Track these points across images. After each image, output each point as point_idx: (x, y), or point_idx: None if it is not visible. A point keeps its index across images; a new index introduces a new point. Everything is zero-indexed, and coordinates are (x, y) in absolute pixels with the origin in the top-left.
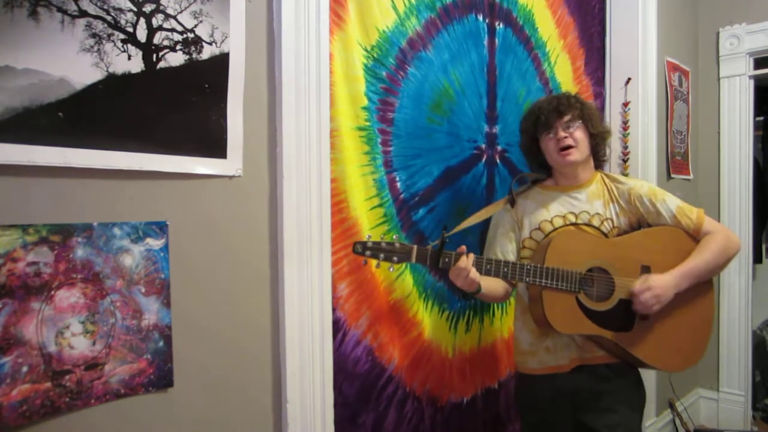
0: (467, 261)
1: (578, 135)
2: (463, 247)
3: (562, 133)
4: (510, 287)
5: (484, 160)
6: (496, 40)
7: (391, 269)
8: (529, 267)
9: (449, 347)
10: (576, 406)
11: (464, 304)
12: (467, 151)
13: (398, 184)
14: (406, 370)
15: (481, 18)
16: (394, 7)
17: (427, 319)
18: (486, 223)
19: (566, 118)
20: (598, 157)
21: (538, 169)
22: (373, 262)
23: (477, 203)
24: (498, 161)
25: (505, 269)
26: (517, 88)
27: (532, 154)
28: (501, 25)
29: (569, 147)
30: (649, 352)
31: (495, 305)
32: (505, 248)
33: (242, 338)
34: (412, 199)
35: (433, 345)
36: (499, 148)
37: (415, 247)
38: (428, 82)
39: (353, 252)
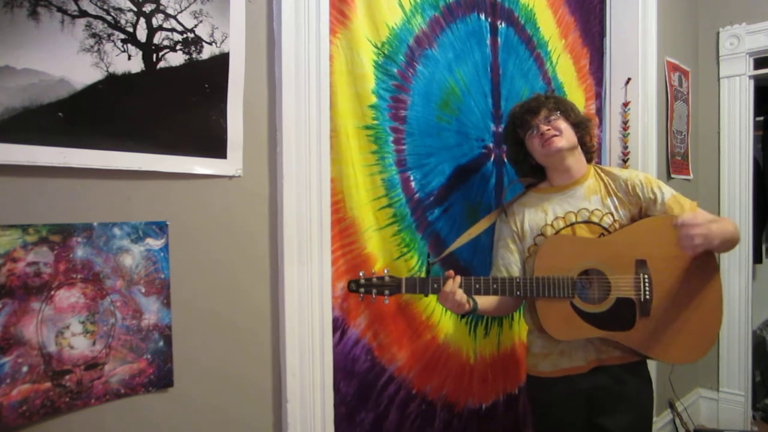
0: (453, 284)
1: (560, 125)
2: (451, 272)
3: (543, 127)
4: (518, 299)
5: (492, 159)
6: (499, 40)
7: (386, 302)
8: (518, 281)
9: (470, 352)
10: (591, 406)
11: None
12: (476, 149)
13: (413, 184)
14: (416, 373)
15: (483, 17)
16: (401, 4)
17: (445, 322)
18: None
19: (542, 113)
20: (586, 148)
21: (533, 174)
22: (382, 298)
23: (487, 202)
24: (506, 160)
25: (494, 286)
26: (520, 87)
27: (522, 160)
28: (503, 24)
29: (553, 136)
30: (654, 347)
31: None
32: (507, 261)
33: (242, 338)
34: (427, 198)
35: (452, 349)
36: (506, 147)
37: (404, 279)
38: (436, 81)
39: (348, 291)
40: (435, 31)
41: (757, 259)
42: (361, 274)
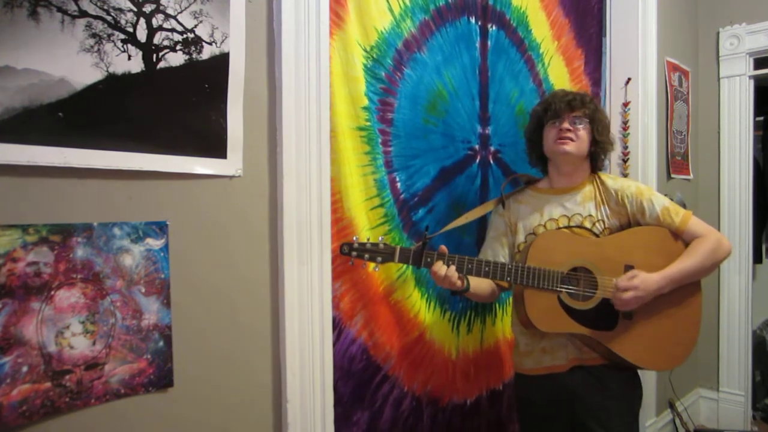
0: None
1: (581, 133)
2: (444, 248)
3: (566, 125)
4: (498, 289)
5: (477, 160)
6: (489, 42)
7: (376, 269)
8: (510, 266)
9: (453, 348)
10: (573, 406)
11: (465, 305)
12: (461, 151)
13: (398, 185)
14: (405, 370)
15: (473, 20)
16: (390, 9)
17: (429, 320)
18: (482, 226)
19: (576, 113)
20: (596, 165)
21: (537, 161)
22: (371, 264)
23: (471, 203)
24: (491, 162)
25: (486, 268)
26: (510, 89)
27: (534, 141)
28: (494, 27)
29: (568, 139)
30: (631, 350)
31: (497, 305)
32: (496, 252)
33: (242, 338)
34: (412, 199)
35: (436, 346)
36: (492, 148)
37: (398, 247)
38: (423, 84)
39: (340, 253)
40: (424, 35)
41: (757, 259)
42: (355, 238)
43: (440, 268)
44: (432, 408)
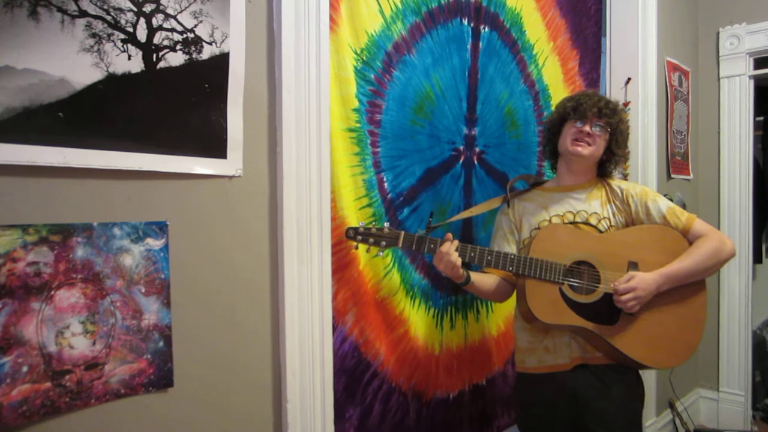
0: (450, 246)
1: (599, 140)
2: (449, 234)
3: (587, 128)
4: (511, 287)
5: (461, 161)
6: (480, 44)
7: (380, 254)
8: (512, 256)
9: (436, 344)
10: (575, 405)
11: (446, 301)
12: (446, 152)
13: (386, 185)
14: (392, 366)
15: (465, 22)
16: (381, 12)
17: (414, 316)
18: (466, 226)
19: (601, 121)
20: (603, 172)
21: (549, 155)
22: (363, 247)
23: (456, 203)
24: (476, 162)
25: (489, 257)
26: (500, 90)
27: (552, 134)
28: (486, 29)
29: (585, 143)
30: (632, 346)
31: (479, 303)
32: (502, 249)
33: (242, 338)
34: (397, 198)
35: (420, 341)
36: (477, 149)
37: (403, 232)
38: (411, 86)
39: (346, 237)
40: (414, 37)
41: (757, 259)
42: (361, 223)
43: (449, 248)
44: (417, 402)
